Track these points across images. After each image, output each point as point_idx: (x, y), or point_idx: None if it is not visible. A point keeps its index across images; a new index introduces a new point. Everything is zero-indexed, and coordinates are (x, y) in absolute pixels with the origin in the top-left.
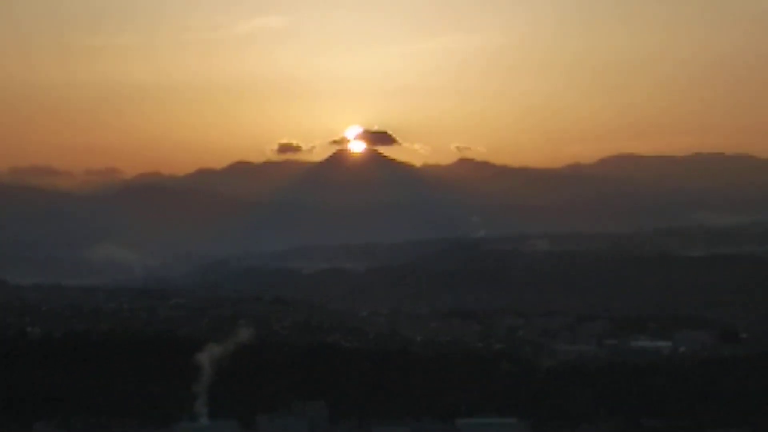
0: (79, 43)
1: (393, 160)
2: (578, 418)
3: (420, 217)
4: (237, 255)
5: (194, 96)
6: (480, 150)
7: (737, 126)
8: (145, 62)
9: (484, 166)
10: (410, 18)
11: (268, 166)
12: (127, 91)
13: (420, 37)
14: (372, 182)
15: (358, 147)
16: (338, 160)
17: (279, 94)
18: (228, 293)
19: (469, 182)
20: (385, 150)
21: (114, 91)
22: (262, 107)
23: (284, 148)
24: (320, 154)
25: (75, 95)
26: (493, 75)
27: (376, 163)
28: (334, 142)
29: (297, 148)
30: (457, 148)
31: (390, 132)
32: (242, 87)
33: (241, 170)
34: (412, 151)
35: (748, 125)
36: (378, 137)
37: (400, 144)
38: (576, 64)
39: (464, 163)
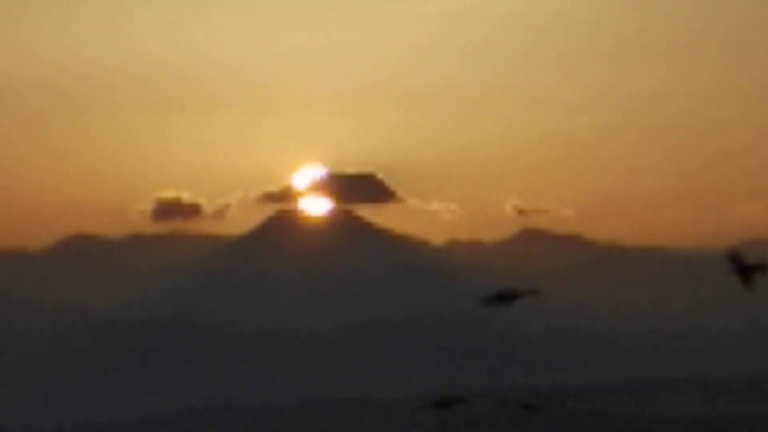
0: None
1: (388, 234)
2: None
3: (452, 356)
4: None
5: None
6: (559, 213)
7: None
8: None
9: (571, 243)
10: None
11: (132, 244)
12: None
13: None
14: (345, 283)
15: (317, 206)
16: (275, 233)
17: (163, 103)
18: None
19: (542, 275)
20: (372, 212)
21: None
22: (129, 128)
23: (166, 209)
24: (240, 221)
25: None
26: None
27: (354, 239)
28: (267, 196)
29: (192, 209)
30: (516, 208)
31: (381, 177)
32: (93, 92)
33: (79, 252)
34: (426, 215)
35: None
36: (358, 186)
37: (401, 200)
38: None
39: (529, 237)
